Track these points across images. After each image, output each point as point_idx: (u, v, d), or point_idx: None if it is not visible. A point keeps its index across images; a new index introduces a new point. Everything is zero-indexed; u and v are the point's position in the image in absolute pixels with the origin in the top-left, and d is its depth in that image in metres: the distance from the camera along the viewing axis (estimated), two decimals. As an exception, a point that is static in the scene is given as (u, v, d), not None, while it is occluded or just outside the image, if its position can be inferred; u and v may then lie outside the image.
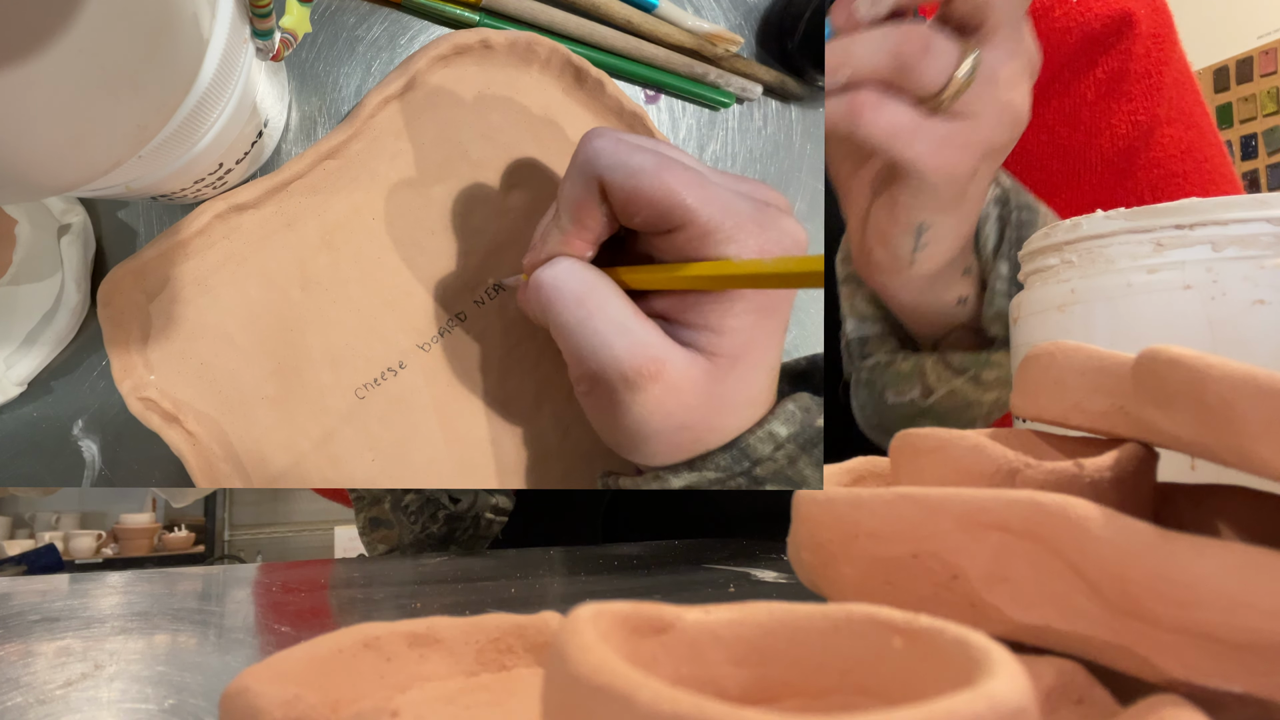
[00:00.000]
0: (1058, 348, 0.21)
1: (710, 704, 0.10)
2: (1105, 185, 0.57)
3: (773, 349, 0.34)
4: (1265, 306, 0.26)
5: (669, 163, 0.31)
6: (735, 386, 0.33)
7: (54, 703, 0.25)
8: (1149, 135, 0.56)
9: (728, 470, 0.34)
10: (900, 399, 0.45)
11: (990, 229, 0.44)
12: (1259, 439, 0.15)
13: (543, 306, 0.33)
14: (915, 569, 0.17)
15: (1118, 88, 0.56)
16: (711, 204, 0.31)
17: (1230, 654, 0.14)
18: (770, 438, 0.34)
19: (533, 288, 0.34)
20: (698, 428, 0.33)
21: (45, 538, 2.57)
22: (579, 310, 0.32)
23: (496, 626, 0.19)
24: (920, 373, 0.44)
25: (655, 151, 0.32)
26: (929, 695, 0.10)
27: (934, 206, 0.39)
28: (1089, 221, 0.29)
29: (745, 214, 0.31)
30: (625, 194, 0.31)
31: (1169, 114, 0.56)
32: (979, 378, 0.43)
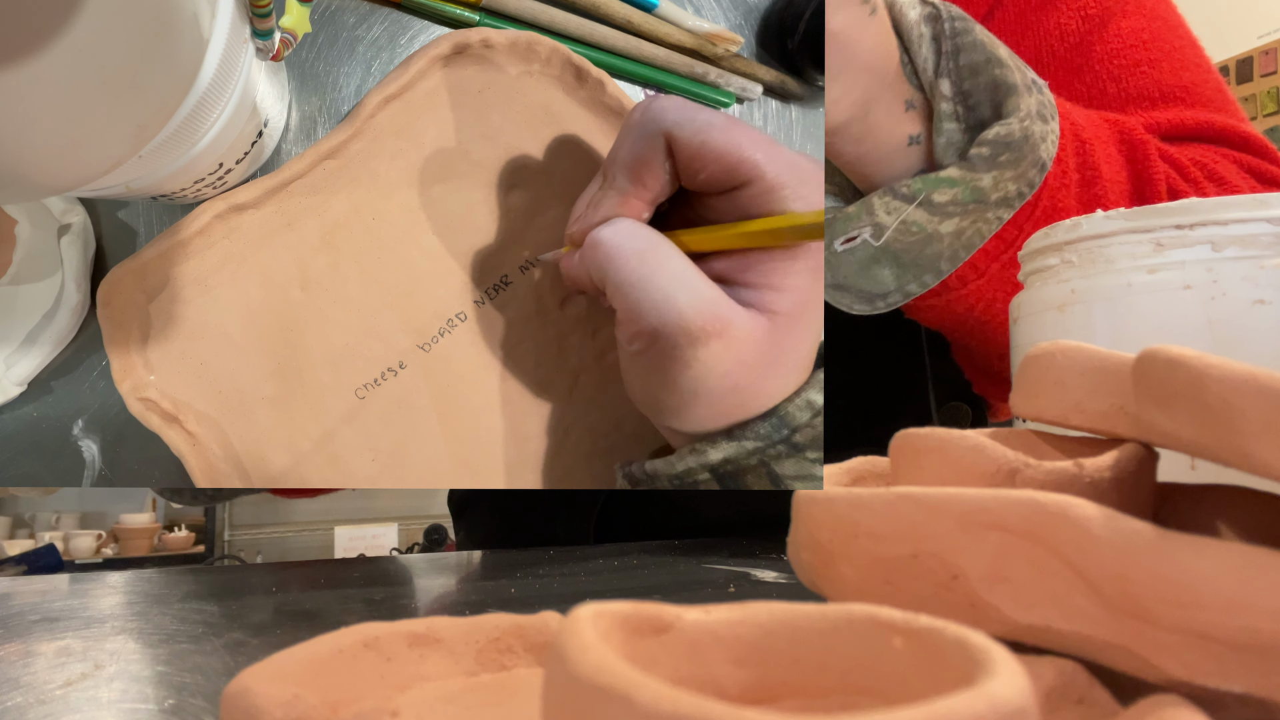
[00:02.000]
0: (1058, 348, 0.21)
1: (710, 704, 0.10)
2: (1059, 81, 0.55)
3: (821, 311, 0.33)
4: (1265, 306, 0.26)
5: (735, 120, 0.31)
6: (793, 345, 0.33)
7: (54, 703, 0.25)
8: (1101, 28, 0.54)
9: (767, 439, 0.33)
10: (851, 245, 0.41)
11: (925, 50, 0.40)
12: (1259, 439, 0.15)
13: (601, 264, 0.33)
14: (915, 569, 0.17)
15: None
16: (778, 160, 0.31)
17: (1230, 654, 0.14)
18: (808, 405, 0.34)
19: (589, 247, 0.33)
20: (747, 390, 0.32)
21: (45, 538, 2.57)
22: (642, 266, 0.32)
23: (496, 626, 0.19)
24: (868, 209, 0.40)
25: (718, 111, 0.31)
26: (929, 695, 0.10)
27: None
28: (1089, 221, 0.29)
29: (808, 170, 0.31)
30: (694, 148, 0.31)
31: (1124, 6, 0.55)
32: (931, 201, 0.39)
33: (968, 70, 0.39)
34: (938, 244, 0.40)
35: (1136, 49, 0.55)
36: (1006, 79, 0.39)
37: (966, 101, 0.40)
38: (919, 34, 0.40)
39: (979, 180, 0.38)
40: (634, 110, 0.33)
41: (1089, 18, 0.55)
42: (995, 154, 0.38)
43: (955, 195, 0.39)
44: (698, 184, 0.32)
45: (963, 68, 0.40)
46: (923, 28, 0.40)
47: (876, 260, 0.40)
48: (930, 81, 0.40)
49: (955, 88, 0.40)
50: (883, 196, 0.40)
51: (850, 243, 0.40)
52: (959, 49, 0.40)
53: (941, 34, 0.40)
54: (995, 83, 0.39)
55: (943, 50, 0.40)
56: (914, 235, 0.40)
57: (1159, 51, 0.55)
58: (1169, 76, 0.54)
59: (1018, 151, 0.38)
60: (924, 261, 0.40)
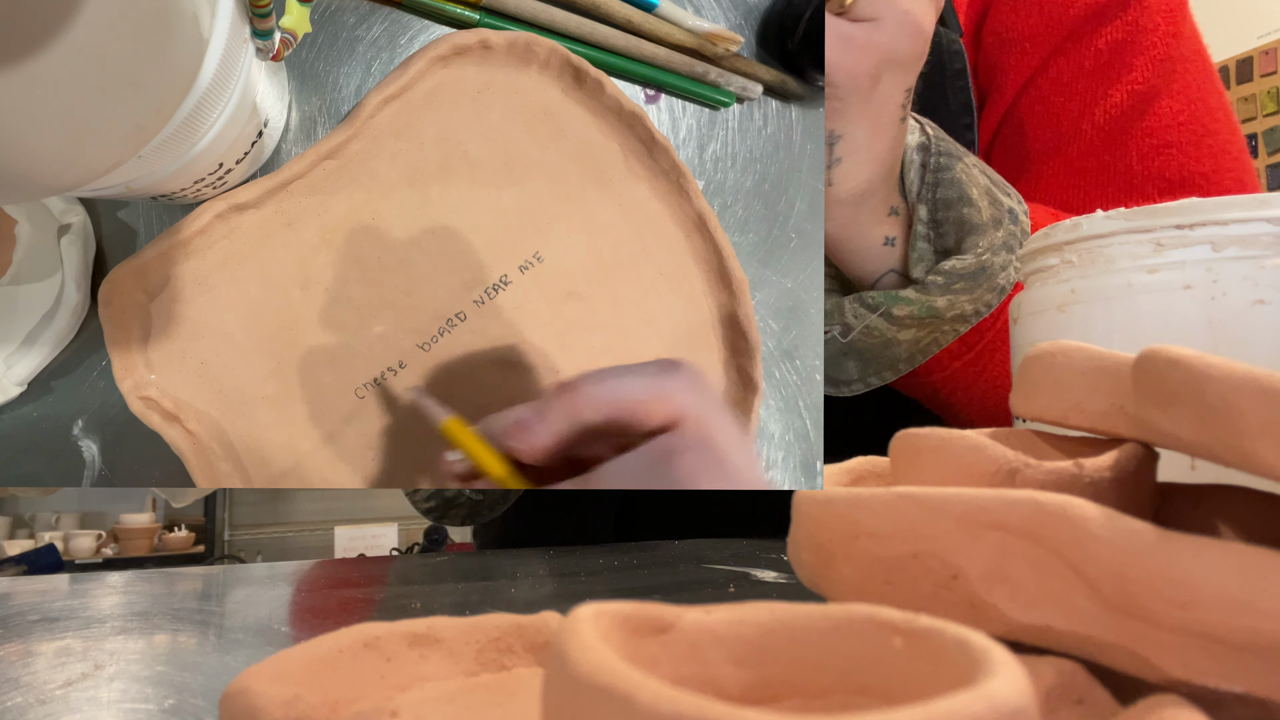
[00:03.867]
0: (1058, 348, 0.21)
1: (710, 704, 0.10)
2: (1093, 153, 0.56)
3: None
4: (1265, 306, 0.26)
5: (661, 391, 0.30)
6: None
7: (54, 703, 0.25)
8: (1147, 106, 0.56)
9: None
10: (825, 338, 0.47)
11: (913, 174, 0.45)
12: (1259, 439, 0.15)
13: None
14: (915, 569, 0.17)
15: (1119, 58, 0.56)
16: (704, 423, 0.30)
17: (1230, 654, 0.14)
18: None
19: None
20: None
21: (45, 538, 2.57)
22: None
23: (496, 626, 0.19)
24: (839, 310, 0.46)
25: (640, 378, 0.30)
26: (929, 695, 0.10)
27: (840, 113, 0.40)
28: (1089, 221, 0.29)
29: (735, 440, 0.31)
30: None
31: (1171, 86, 0.56)
32: (891, 314, 0.44)
33: (942, 203, 0.45)
34: (896, 348, 0.46)
35: (1170, 130, 0.56)
36: (971, 219, 0.44)
37: (938, 229, 0.45)
38: (910, 159, 0.45)
39: (934, 301, 0.44)
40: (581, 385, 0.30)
41: (1136, 93, 0.56)
42: (950, 282, 0.43)
43: (912, 311, 0.44)
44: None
45: (939, 200, 0.45)
46: (914, 154, 0.46)
47: (844, 354, 0.47)
48: (913, 203, 0.46)
49: (930, 215, 0.45)
50: (852, 303, 0.46)
51: (826, 334, 0.47)
52: (938, 183, 0.45)
53: (927, 164, 0.45)
54: (962, 220, 0.44)
55: (925, 180, 0.45)
56: (875, 339, 0.46)
57: (1189, 135, 0.56)
58: (1192, 163, 0.56)
59: (973, 280, 0.44)
60: (884, 361, 0.47)
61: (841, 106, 0.40)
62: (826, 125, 0.41)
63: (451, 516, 0.67)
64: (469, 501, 0.65)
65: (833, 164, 0.42)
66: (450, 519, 0.68)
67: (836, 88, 0.40)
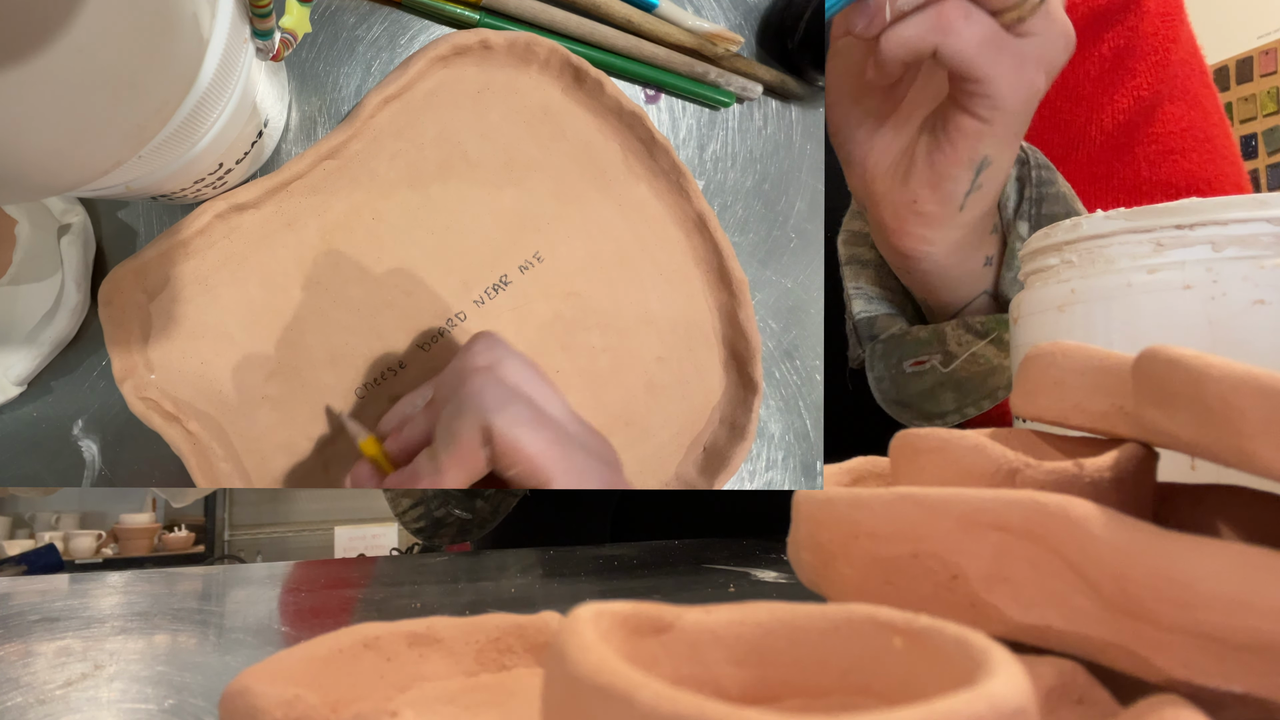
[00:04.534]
0: (1058, 348, 0.21)
1: (710, 704, 0.10)
2: (1102, 159, 0.56)
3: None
4: (1265, 306, 0.26)
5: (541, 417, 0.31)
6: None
7: (54, 703, 0.25)
8: (1151, 112, 0.56)
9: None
10: (920, 368, 0.44)
11: (1010, 189, 0.43)
12: (1259, 439, 0.15)
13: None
14: (915, 569, 0.17)
15: (1122, 64, 0.56)
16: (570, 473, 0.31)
17: (1230, 654, 0.14)
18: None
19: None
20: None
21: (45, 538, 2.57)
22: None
23: (496, 626, 0.19)
24: (940, 338, 0.43)
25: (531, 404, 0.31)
26: (929, 695, 0.10)
27: (997, 136, 0.38)
28: (1089, 221, 0.29)
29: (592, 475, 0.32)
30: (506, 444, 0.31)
31: (1173, 91, 0.56)
32: (1001, 339, 0.42)
33: (1047, 219, 0.42)
34: (1000, 376, 0.43)
35: (1174, 136, 0.56)
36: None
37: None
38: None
39: None
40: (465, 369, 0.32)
41: (1141, 99, 0.56)
42: None
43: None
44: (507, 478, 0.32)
45: (1043, 216, 0.42)
46: (1011, 169, 0.42)
47: (943, 385, 0.44)
48: (1009, 219, 0.43)
49: (1033, 231, 0.42)
50: (955, 329, 0.43)
51: (919, 365, 0.44)
52: (1042, 198, 0.43)
53: (1027, 179, 0.43)
54: None
55: (1025, 195, 0.43)
56: (980, 366, 0.43)
57: (1193, 141, 0.56)
58: (1198, 168, 0.56)
59: None
60: (984, 389, 0.43)
61: (1000, 132, 0.38)
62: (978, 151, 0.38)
63: (441, 536, 0.68)
64: (458, 521, 0.65)
65: (973, 190, 0.39)
66: (440, 538, 0.68)
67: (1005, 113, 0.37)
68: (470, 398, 0.31)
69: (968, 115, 0.37)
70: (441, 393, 0.33)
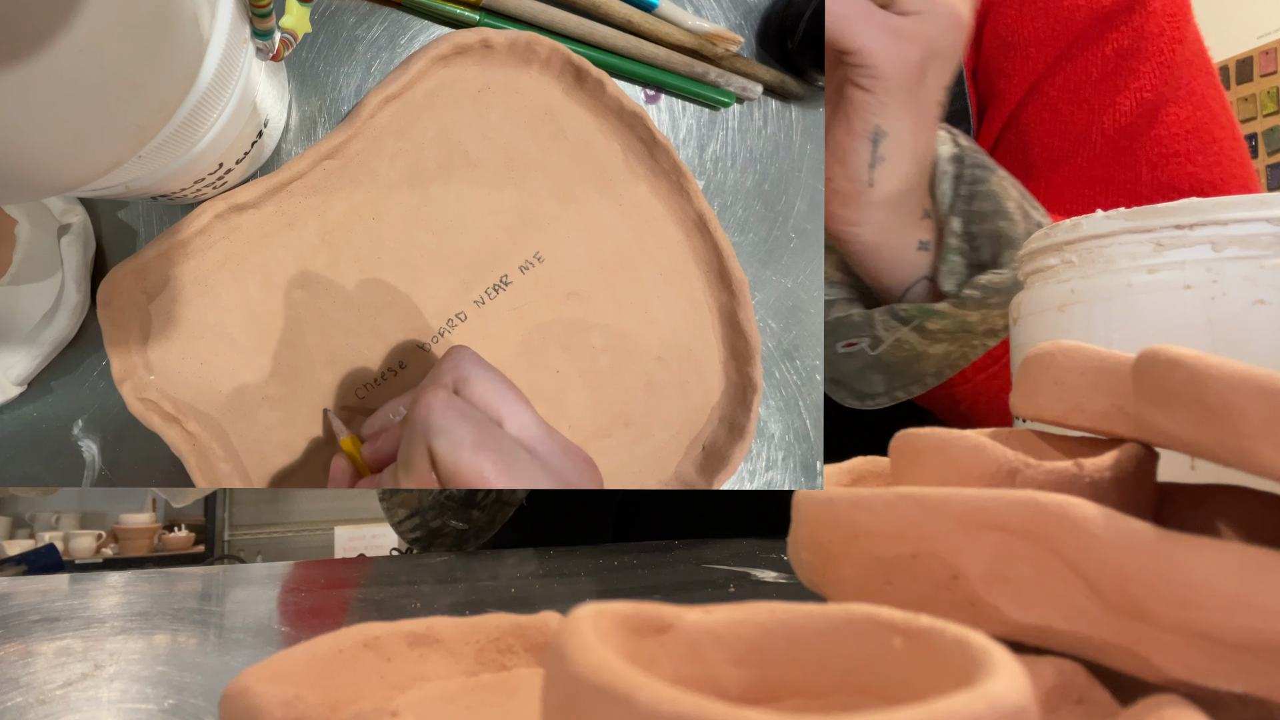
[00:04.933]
0: (1058, 348, 0.21)
1: (710, 704, 0.10)
2: (1103, 161, 0.56)
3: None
4: (1265, 306, 0.26)
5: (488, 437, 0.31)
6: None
7: (54, 703, 0.25)
8: (1154, 113, 0.56)
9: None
10: (850, 349, 0.46)
11: (946, 185, 0.45)
12: (1259, 439, 0.15)
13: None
14: (915, 569, 0.17)
15: (1126, 65, 0.55)
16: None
17: (1230, 654, 0.14)
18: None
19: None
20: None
21: (45, 538, 2.57)
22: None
23: (496, 626, 0.19)
24: (869, 323, 0.45)
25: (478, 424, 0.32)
26: (929, 695, 0.10)
27: (887, 105, 0.40)
28: (1089, 221, 0.29)
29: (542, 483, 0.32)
30: (449, 468, 0.31)
31: (1177, 93, 0.56)
32: (924, 327, 0.43)
33: (977, 216, 0.44)
34: (925, 362, 0.45)
35: (1179, 139, 0.56)
36: (1008, 232, 0.43)
37: (972, 242, 0.44)
38: (943, 170, 0.45)
39: (968, 316, 0.43)
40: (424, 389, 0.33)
41: (1144, 101, 0.55)
42: (985, 296, 0.43)
43: (945, 325, 0.43)
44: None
45: (973, 212, 0.44)
46: (948, 165, 0.45)
47: (871, 367, 0.46)
48: (944, 215, 0.45)
49: (964, 227, 0.44)
50: (883, 315, 0.44)
51: (850, 347, 0.45)
52: (974, 195, 0.44)
53: (961, 176, 0.44)
54: (998, 233, 0.44)
55: (959, 192, 0.44)
56: (905, 351, 0.45)
57: (1199, 143, 0.56)
58: (1202, 171, 0.56)
59: (1007, 294, 0.43)
60: (911, 374, 0.46)
61: (888, 101, 0.40)
62: (869, 122, 0.40)
63: (437, 546, 0.68)
64: (454, 531, 0.65)
65: (875, 163, 0.41)
66: (436, 548, 0.68)
67: (884, 81, 0.39)
68: (417, 420, 0.31)
69: (853, 87, 0.40)
70: (410, 409, 0.34)
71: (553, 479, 0.32)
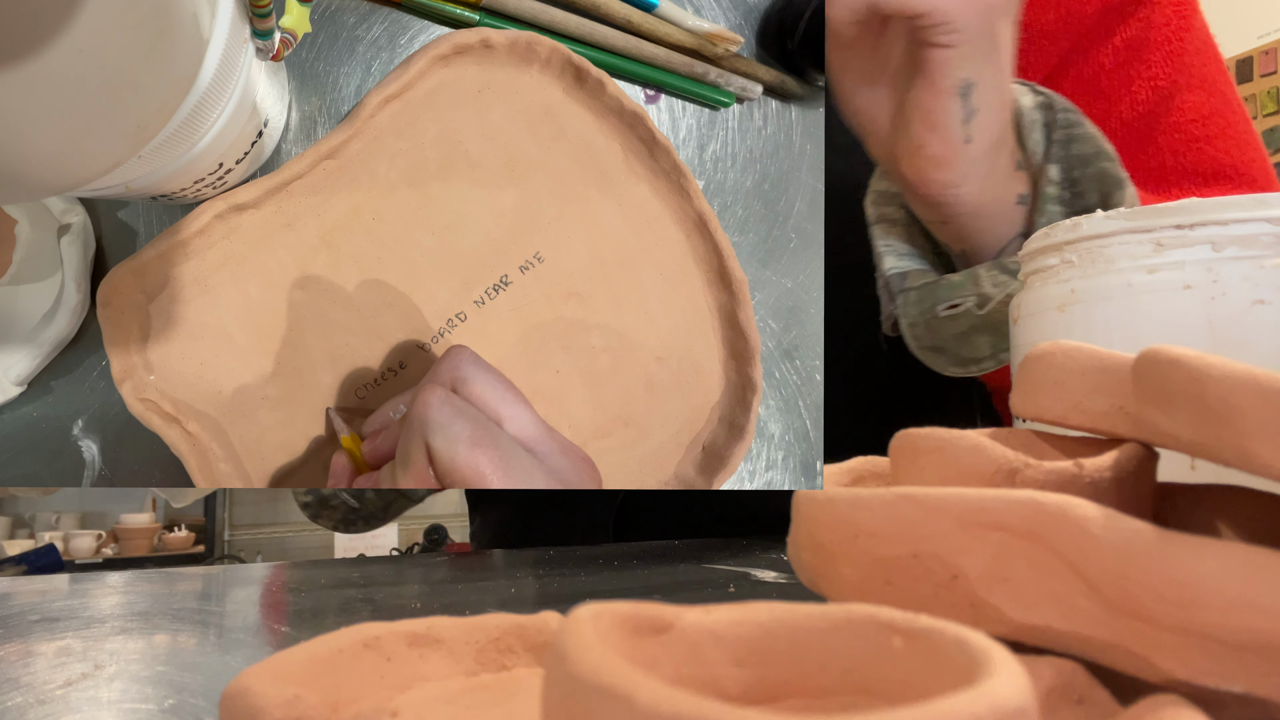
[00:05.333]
0: (1058, 348, 0.21)
1: (710, 704, 0.10)
2: (1126, 150, 0.56)
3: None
4: (1265, 306, 0.26)
5: (485, 435, 0.32)
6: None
7: (54, 703, 0.25)
8: (1169, 100, 0.56)
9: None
10: (954, 311, 0.43)
11: (1038, 134, 0.43)
12: (1259, 439, 0.15)
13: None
14: (915, 569, 0.17)
15: (1138, 55, 0.56)
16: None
17: (1230, 654, 0.14)
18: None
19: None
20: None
21: (45, 538, 2.57)
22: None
23: (496, 626, 0.19)
24: (974, 280, 0.43)
25: (479, 421, 0.32)
26: (929, 695, 0.10)
27: (970, 56, 0.38)
28: (1089, 221, 0.29)
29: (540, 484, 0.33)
30: (445, 464, 0.31)
31: (1189, 80, 0.56)
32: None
33: (1078, 160, 0.42)
34: None
35: (1197, 124, 0.56)
36: (1113, 172, 0.42)
37: (1074, 188, 0.42)
38: (1031, 119, 0.43)
39: None
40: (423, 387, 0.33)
41: (1158, 89, 0.56)
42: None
43: None
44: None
45: (1073, 157, 0.42)
46: (1035, 114, 0.43)
47: (978, 328, 0.43)
48: (1039, 165, 0.43)
49: (1064, 174, 0.42)
50: (989, 270, 0.42)
51: (954, 309, 0.43)
52: (1071, 139, 0.42)
53: (1053, 123, 0.43)
54: (1104, 175, 0.42)
55: (1053, 139, 0.43)
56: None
57: (1216, 129, 0.56)
58: (1223, 155, 0.56)
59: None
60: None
61: (970, 51, 0.38)
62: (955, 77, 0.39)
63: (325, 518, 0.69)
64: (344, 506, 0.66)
65: (969, 117, 0.40)
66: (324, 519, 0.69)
67: (963, 32, 0.38)
68: (415, 418, 0.32)
69: (931, 48, 0.38)
70: (409, 408, 0.34)
71: (552, 478, 0.32)
